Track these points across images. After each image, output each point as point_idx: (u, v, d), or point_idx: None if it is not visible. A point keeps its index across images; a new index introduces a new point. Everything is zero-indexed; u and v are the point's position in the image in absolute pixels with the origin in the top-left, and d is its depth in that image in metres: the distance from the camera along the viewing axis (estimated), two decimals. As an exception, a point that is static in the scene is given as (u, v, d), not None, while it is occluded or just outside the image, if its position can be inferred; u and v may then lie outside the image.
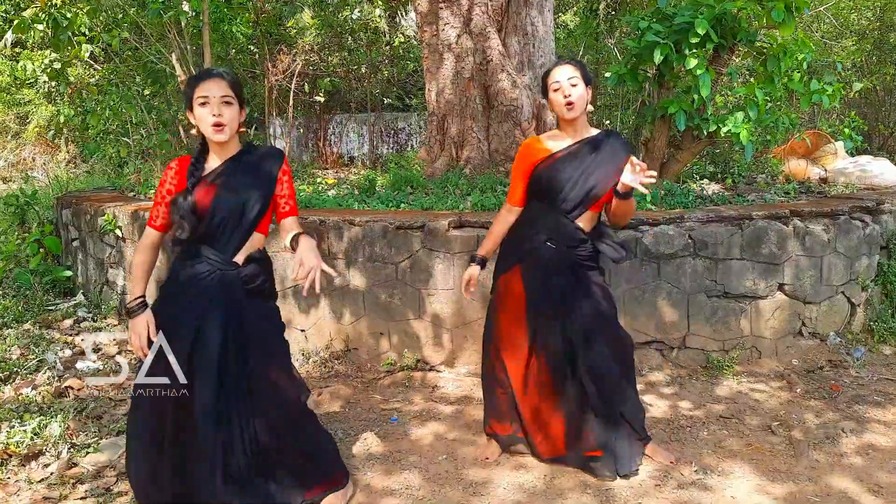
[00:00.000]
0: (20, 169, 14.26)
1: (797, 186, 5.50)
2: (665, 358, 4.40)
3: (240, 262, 2.71)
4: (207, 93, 2.56)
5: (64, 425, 3.55)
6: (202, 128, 2.62)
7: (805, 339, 4.57)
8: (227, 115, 2.59)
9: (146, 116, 7.77)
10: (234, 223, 2.67)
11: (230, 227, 2.67)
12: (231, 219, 2.66)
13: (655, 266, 4.31)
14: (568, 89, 2.99)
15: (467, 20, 6.66)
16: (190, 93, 2.62)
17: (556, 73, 3.04)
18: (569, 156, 3.08)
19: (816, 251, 4.51)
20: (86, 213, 5.78)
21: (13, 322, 5.15)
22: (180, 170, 2.69)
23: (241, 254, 2.71)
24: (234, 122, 2.63)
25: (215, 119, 2.56)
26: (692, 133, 5.43)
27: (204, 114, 2.58)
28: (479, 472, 3.24)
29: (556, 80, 3.03)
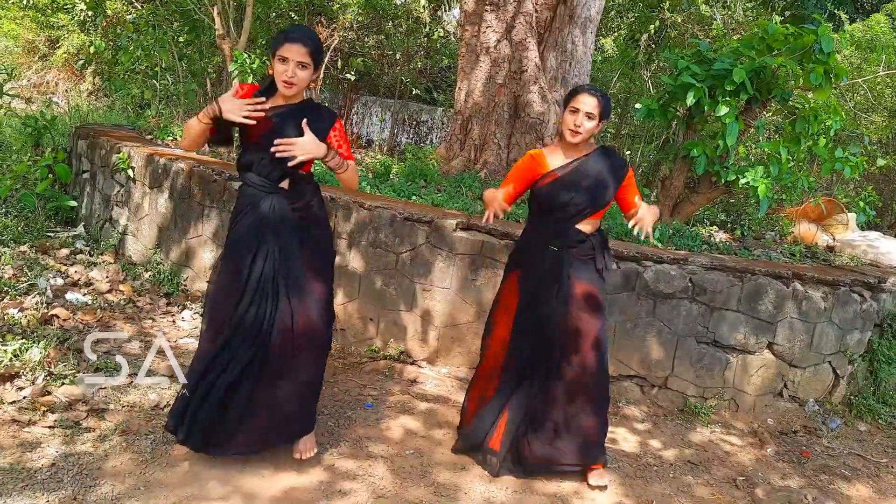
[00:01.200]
0: (42, 91, 14.25)
1: (804, 250, 5.52)
2: (644, 394, 4.42)
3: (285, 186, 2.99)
4: (287, 54, 2.82)
5: (44, 352, 3.56)
6: (276, 79, 2.87)
7: (784, 401, 4.60)
8: (300, 76, 2.85)
9: (177, 63, 7.77)
10: (275, 161, 2.89)
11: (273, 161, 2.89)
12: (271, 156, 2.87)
13: (651, 303, 4.33)
14: (581, 119, 3.17)
15: (510, 27, 6.68)
16: (275, 47, 2.87)
17: (580, 99, 3.20)
18: (568, 175, 3.25)
19: (811, 317, 4.53)
20: (101, 147, 5.79)
21: (11, 242, 5.15)
22: (247, 93, 2.94)
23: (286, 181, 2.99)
24: (304, 83, 2.91)
25: (287, 78, 2.83)
26: (710, 179, 5.46)
27: (280, 70, 2.84)
28: (446, 473, 3.26)
29: (577, 106, 3.19)
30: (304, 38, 2.85)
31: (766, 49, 5.13)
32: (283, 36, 2.87)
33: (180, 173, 5.04)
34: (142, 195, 5.33)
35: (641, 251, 4.38)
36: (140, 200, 5.34)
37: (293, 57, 2.82)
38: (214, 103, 2.84)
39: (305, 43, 2.84)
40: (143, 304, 4.68)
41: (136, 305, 4.65)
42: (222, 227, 4.79)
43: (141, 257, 5.34)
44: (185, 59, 7.94)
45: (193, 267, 5.00)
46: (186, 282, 5.03)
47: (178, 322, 4.53)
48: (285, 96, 2.93)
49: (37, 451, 2.87)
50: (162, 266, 5.15)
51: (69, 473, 2.75)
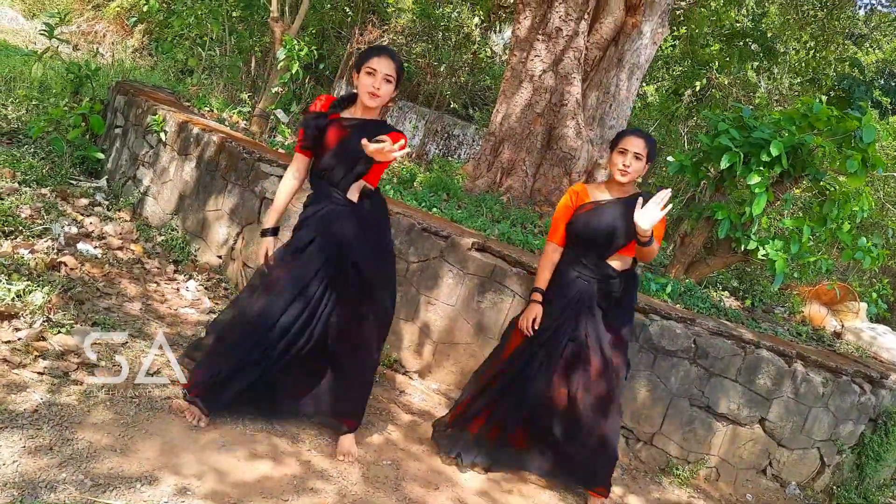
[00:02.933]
0: (89, 40, 14.40)
1: (811, 331, 5.49)
2: (628, 448, 4.39)
3: (353, 199, 3.16)
4: (377, 66, 3.02)
5: (47, 297, 3.58)
6: (360, 90, 3.07)
7: (767, 479, 4.55)
8: (384, 89, 3.05)
9: (226, 36, 7.85)
10: (346, 168, 3.10)
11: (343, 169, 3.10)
12: (343, 163, 3.09)
13: (652, 357, 4.30)
14: (630, 160, 3.35)
15: (558, 59, 6.71)
16: (362, 61, 3.06)
17: (628, 140, 3.37)
18: (607, 205, 3.43)
19: (808, 400, 4.49)
20: (138, 106, 5.84)
21: (33, 182, 5.19)
22: (325, 103, 3.18)
23: (353, 191, 3.16)
24: (387, 97, 3.10)
25: (373, 90, 3.02)
26: (730, 244, 5.44)
27: (367, 82, 3.03)
28: (418, 490, 3.24)
29: (626, 147, 3.36)
30: (392, 53, 3.10)
31: (808, 126, 5.12)
32: (372, 50, 3.08)
33: (211, 145, 5.08)
34: (169, 160, 5.37)
35: (650, 304, 4.37)
36: (167, 164, 5.38)
37: (381, 70, 3.01)
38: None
39: (394, 58, 3.07)
40: (150, 266, 4.70)
41: (143, 267, 4.67)
42: (242, 205, 4.81)
43: (157, 220, 5.37)
44: (234, 34, 8.02)
45: (206, 239, 5.02)
46: (197, 252, 5.05)
47: (182, 291, 4.54)
48: (364, 108, 3.12)
49: (22, 395, 2.87)
50: (176, 233, 5.18)
51: (50, 423, 2.75)
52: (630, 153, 3.34)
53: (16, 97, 7.22)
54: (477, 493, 3.40)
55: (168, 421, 3.05)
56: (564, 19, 6.60)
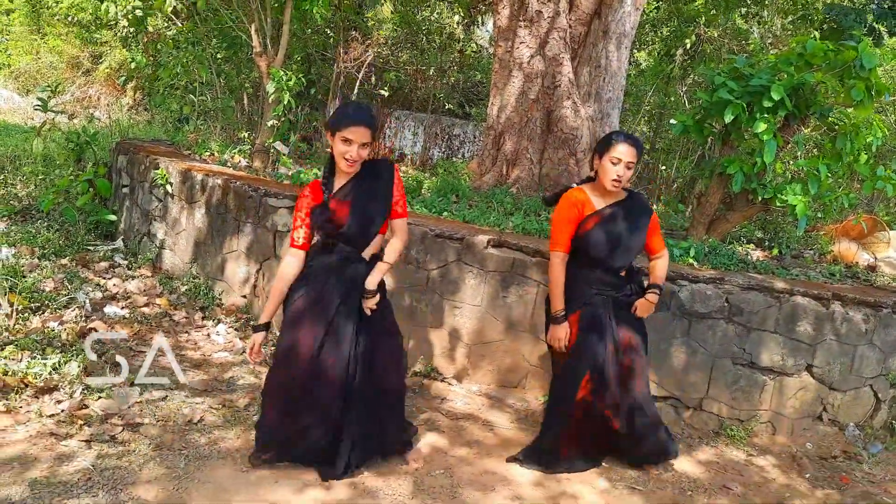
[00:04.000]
0: (84, 105, 14.63)
1: (844, 269, 5.39)
2: (678, 416, 4.34)
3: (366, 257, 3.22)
4: (352, 136, 3.00)
5: (82, 366, 3.63)
6: (337, 158, 3.07)
7: (824, 424, 4.48)
8: (363, 154, 3.06)
9: (215, 79, 7.91)
10: (364, 232, 3.18)
11: (360, 235, 3.17)
12: (362, 230, 3.17)
13: (686, 323, 4.26)
14: (622, 170, 3.33)
15: (543, 42, 6.67)
16: (336, 126, 3.03)
17: (620, 149, 3.36)
18: (609, 219, 3.43)
19: (852, 339, 4.41)
20: (140, 163, 5.91)
21: (52, 255, 5.28)
22: (314, 190, 3.17)
23: (368, 251, 3.23)
24: (363, 159, 3.09)
25: (351, 158, 3.03)
26: (747, 196, 5.36)
27: (343, 150, 3.03)
28: (474, 494, 3.23)
29: (618, 156, 3.33)
30: (367, 120, 3.03)
31: (805, 65, 5.03)
32: (346, 118, 3.02)
33: (216, 188, 5.13)
34: (179, 210, 5.43)
35: (677, 270, 4.33)
36: (177, 215, 5.44)
37: (357, 139, 3.00)
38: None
39: (369, 124, 3.03)
40: (178, 317, 4.76)
41: (172, 319, 4.73)
42: (256, 241, 4.85)
43: (178, 271, 5.43)
44: (223, 76, 8.08)
45: (228, 281, 5.07)
46: (221, 295, 5.10)
47: (213, 336, 4.59)
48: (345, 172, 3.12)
49: (72, 464, 2.92)
50: (198, 280, 5.23)
51: (104, 488, 2.79)
52: (623, 164, 3.32)
53: (23, 174, 7.35)
54: (533, 486, 3.38)
55: (217, 466, 3.09)
56: (543, 1, 6.55)
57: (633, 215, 3.48)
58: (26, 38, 16.41)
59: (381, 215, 3.20)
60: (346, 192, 3.14)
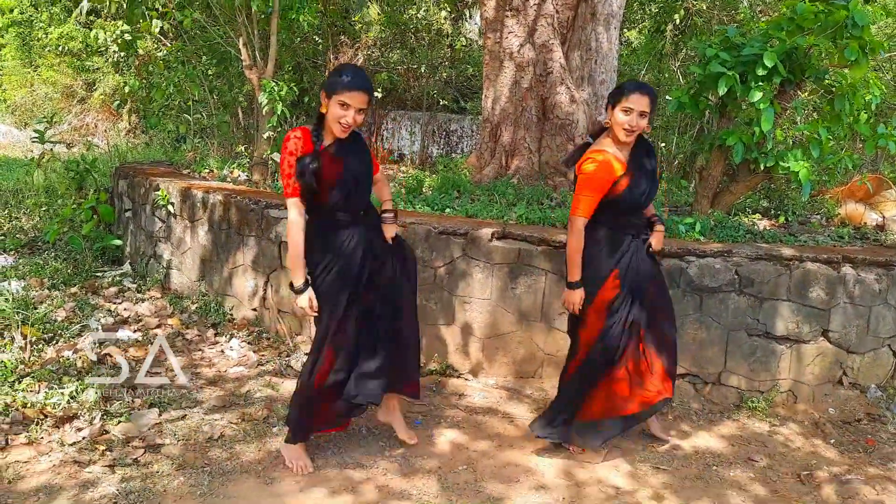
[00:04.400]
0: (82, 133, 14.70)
1: (852, 231, 5.35)
2: (698, 392, 4.32)
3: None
4: (350, 101, 2.97)
5: (99, 392, 3.65)
6: (331, 121, 3.03)
7: (844, 388, 4.45)
8: (357, 121, 3.04)
9: (208, 96, 7.93)
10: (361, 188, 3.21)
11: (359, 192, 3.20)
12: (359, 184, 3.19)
13: (698, 298, 4.24)
14: (635, 120, 3.26)
15: (532, 30, 6.65)
16: (333, 89, 2.99)
17: (633, 99, 3.27)
18: (638, 171, 3.40)
19: (866, 300, 4.38)
20: (141, 186, 5.93)
21: (61, 284, 5.31)
22: (304, 137, 3.06)
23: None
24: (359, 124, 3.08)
25: (346, 123, 3.00)
26: (749, 166, 5.33)
27: (340, 114, 2.99)
28: (498, 486, 3.23)
29: (630, 105, 3.26)
30: (365, 85, 3.01)
31: (797, 29, 4.98)
32: (344, 81, 2.97)
33: (218, 205, 5.14)
34: (183, 229, 5.44)
35: (683, 246, 4.31)
36: (181, 234, 5.45)
37: (355, 104, 2.97)
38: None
39: (367, 90, 3.01)
40: (191, 336, 4.77)
41: (184, 338, 4.74)
42: (262, 254, 4.85)
43: (187, 290, 5.45)
44: (215, 92, 8.10)
45: (237, 295, 5.08)
46: (232, 311, 5.11)
47: (227, 351, 4.60)
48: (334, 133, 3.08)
49: (97, 490, 2.93)
50: (207, 297, 5.25)
51: (130, 511, 2.81)
52: (635, 112, 3.24)
53: (26, 207, 7.40)
54: (556, 475, 3.38)
55: (241, 480, 3.10)
56: (528, -11, 6.53)
57: (648, 157, 3.49)
58: (19, 71, 16.50)
59: (369, 171, 3.28)
60: (337, 150, 3.11)
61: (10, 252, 6.18)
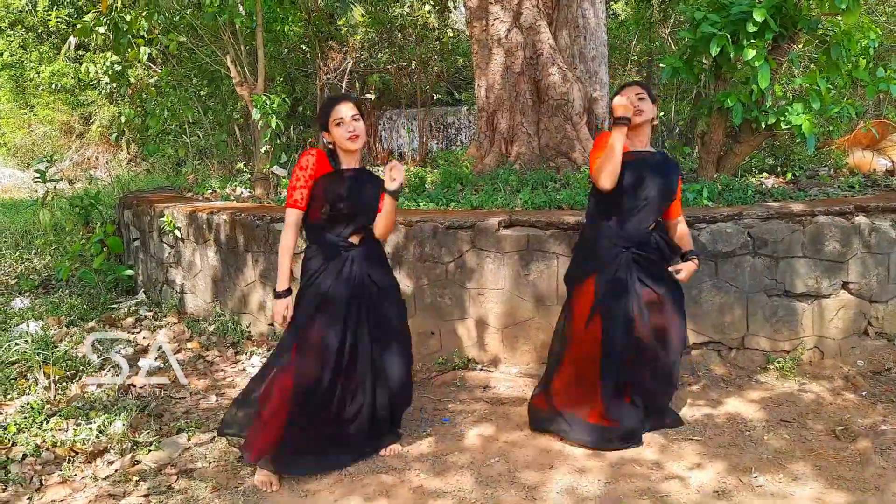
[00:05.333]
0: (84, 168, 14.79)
1: (862, 179, 5.28)
2: (723, 359, 4.29)
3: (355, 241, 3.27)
4: (342, 115, 3.14)
5: (127, 423, 3.67)
6: (339, 141, 3.18)
7: (871, 339, 4.40)
8: (359, 127, 3.18)
9: (203, 117, 7.95)
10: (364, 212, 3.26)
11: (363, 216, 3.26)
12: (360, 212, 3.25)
13: (713, 265, 4.20)
14: (637, 103, 3.38)
15: (517, 14, 6.60)
16: (326, 117, 3.19)
17: (626, 92, 3.42)
18: (642, 167, 3.39)
19: (883, 248, 4.32)
20: (146, 214, 5.95)
21: (79, 320, 5.34)
22: (319, 158, 3.20)
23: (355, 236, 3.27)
24: (364, 132, 3.22)
25: (351, 134, 3.15)
26: (750, 125, 5.27)
27: (342, 132, 3.15)
28: (533, 475, 3.22)
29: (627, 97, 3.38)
30: (347, 96, 3.25)
31: (783, -19, 4.92)
32: (328, 103, 3.21)
33: (224, 224, 5.14)
34: (192, 252, 5.46)
35: (693, 214, 4.27)
36: (191, 258, 5.47)
37: (347, 114, 3.14)
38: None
39: (350, 99, 3.23)
40: (211, 357, 4.78)
41: (205, 360, 4.76)
42: (272, 269, 4.85)
43: (202, 312, 5.47)
44: (209, 112, 8.12)
45: (252, 312, 5.09)
46: (249, 328, 5.12)
47: (248, 369, 4.61)
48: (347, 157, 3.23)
49: (135, 521, 2.94)
50: (223, 317, 5.26)
51: (169, 538, 2.81)
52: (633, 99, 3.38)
53: (36, 247, 7.45)
54: (591, 457, 3.35)
55: (275, 495, 3.10)
56: (509, -26, 6.48)
57: (662, 166, 3.47)
58: (16, 113, 16.61)
59: (376, 201, 3.31)
60: (353, 174, 3.26)
61: (26, 294, 6.22)
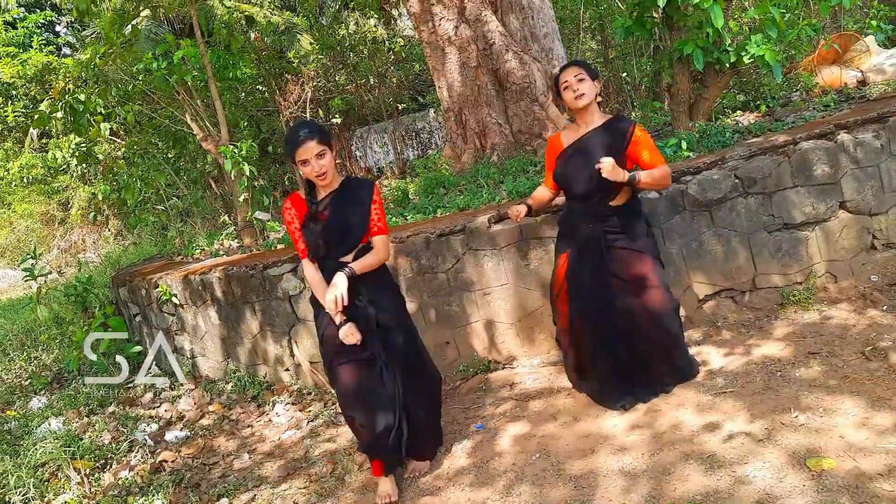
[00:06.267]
0: (73, 253, 14.77)
1: (836, 96, 5.25)
2: (738, 304, 4.26)
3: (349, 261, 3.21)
4: (304, 156, 3.06)
5: (167, 501, 3.63)
6: (309, 178, 3.13)
7: (880, 252, 4.36)
8: (325, 163, 3.10)
9: (176, 178, 7.92)
10: (341, 242, 3.20)
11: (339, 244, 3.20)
12: (338, 239, 3.19)
13: (707, 214, 4.17)
14: (576, 85, 3.40)
15: (461, 9, 6.57)
16: (290, 156, 3.13)
17: (563, 75, 3.45)
18: (575, 152, 3.48)
19: (872, 160, 4.29)
20: (141, 288, 5.92)
21: (98, 408, 5.30)
22: (296, 204, 3.23)
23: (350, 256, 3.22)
24: (332, 164, 3.15)
25: (317, 174, 3.08)
26: (714, 68, 5.24)
27: (307, 171, 3.09)
28: (578, 463, 3.18)
29: (567, 79, 3.43)
30: (308, 135, 3.05)
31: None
32: (291, 143, 3.09)
33: (218, 282, 5.11)
34: (194, 315, 5.42)
35: (676, 168, 4.24)
36: (194, 321, 5.43)
37: (310, 155, 3.05)
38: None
39: (311, 136, 3.05)
40: (235, 415, 4.75)
41: (230, 419, 4.72)
42: (276, 315, 4.82)
43: (217, 372, 5.43)
44: (181, 172, 8.08)
45: (266, 362, 5.06)
46: (266, 378, 5.09)
47: (275, 419, 4.57)
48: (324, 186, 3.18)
49: None
50: (239, 373, 5.22)
51: None
52: (571, 81, 3.39)
53: (42, 344, 7.41)
54: (632, 431, 3.32)
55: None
56: (443, -28, 6.45)
57: (604, 140, 3.44)
58: (-6, 214, 16.61)
59: (358, 226, 3.22)
60: (326, 205, 3.19)
61: (41, 392, 6.18)
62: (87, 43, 13.75)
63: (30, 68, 12.09)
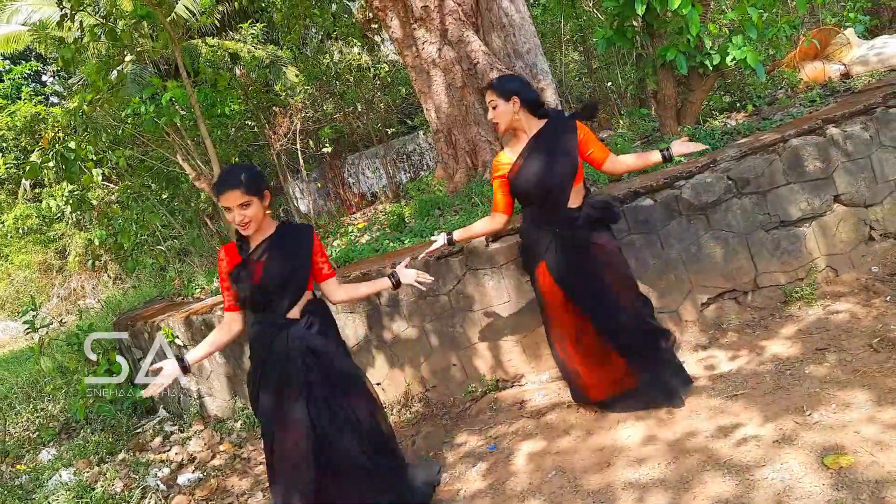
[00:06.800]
0: (72, 300, 14.73)
1: (821, 91, 5.29)
2: (741, 305, 4.25)
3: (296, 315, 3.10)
4: (228, 204, 2.95)
5: (183, 546, 3.60)
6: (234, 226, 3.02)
7: (878, 242, 4.37)
8: (249, 214, 2.96)
9: (171, 219, 7.93)
10: (282, 291, 3.06)
11: (279, 294, 3.05)
12: (279, 288, 3.05)
13: (703, 217, 4.18)
14: (490, 113, 3.46)
15: (443, 32, 6.62)
16: (217, 201, 3.06)
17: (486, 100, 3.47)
18: (525, 162, 3.42)
19: (862, 151, 4.31)
20: (143, 332, 5.90)
21: (108, 456, 5.26)
22: (229, 254, 3.12)
23: (294, 311, 3.10)
24: (258, 214, 3.00)
25: (239, 223, 2.97)
26: (697, 71, 5.28)
27: (230, 218, 3.00)
28: (594, 477, 3.16)
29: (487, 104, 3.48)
30: (232, 182, 2.92)
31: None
32: (216, 189, 3.00)
33: (217, 321, 5.09)
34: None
35: (668, 173, 4.25)
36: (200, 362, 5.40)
37: (233, 203, 2.93)
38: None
39: (236, 186, 2.91)
40: (247, 453, 4.71)
41: (242, 458, 4.69)
42: (281, 349, 4.80)
43: (226, 412, 5.40)
44: (176, 213, 8.09)
45: (274, 396, 5.02)
46: (275, 413, 5.05)
47: (286, 454, 4.53)
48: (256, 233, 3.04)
49: None
50: (247, 409, 5.19)
51: None
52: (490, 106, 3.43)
53: (48, 395, 7.37)
54: (648, 443, 3.30)
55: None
56: (423, -4, 6.51)
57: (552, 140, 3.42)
58: (-9, 267, 16.59)
59: (300, 274, 3.11)
60: (261, 253, 3.05)
61: (50, 444, 6.14)
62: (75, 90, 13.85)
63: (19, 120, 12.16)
